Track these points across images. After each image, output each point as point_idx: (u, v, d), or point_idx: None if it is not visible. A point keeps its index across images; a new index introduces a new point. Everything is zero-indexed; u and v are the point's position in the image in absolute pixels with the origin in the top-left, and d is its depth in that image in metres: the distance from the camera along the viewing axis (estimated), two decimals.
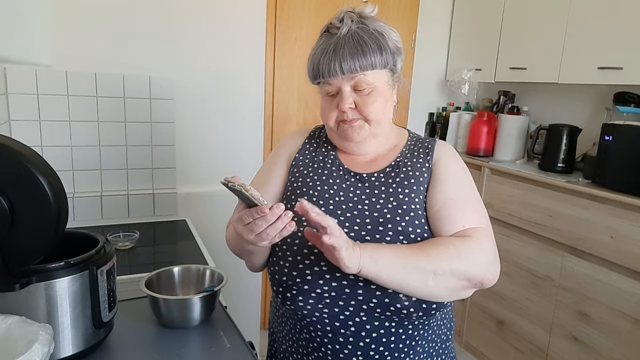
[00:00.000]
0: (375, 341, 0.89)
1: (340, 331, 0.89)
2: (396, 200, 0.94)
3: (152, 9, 2.09)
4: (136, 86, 2.03)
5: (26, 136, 1.89)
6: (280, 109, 2.57)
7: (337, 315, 0.88)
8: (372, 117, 0.94)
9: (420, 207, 0.93)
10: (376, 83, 0.94)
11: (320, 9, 2.55)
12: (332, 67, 0.91)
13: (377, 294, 0.86)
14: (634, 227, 1.79)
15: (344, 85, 0.93)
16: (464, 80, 2.77)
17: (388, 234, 0.90)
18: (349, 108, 0.94)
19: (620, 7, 1.99)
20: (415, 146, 1.02)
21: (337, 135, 1.00)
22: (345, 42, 0.91)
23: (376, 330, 0.89)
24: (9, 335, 0.77)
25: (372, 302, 0.87)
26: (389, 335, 0.89)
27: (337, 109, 0.95)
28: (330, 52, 0.91)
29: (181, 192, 2.23)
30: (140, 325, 1.10)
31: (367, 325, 0.88)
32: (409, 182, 0.96)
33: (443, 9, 2.95)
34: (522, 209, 2.25)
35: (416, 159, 0.99)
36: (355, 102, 0.94)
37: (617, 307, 1.86)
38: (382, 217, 0.92)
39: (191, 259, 1.64)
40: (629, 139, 1.87)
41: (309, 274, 0.89)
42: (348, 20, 0.93)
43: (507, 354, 2.38)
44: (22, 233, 0.81)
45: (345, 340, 0.89)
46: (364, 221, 0.92)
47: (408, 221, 0.91)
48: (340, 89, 0.94)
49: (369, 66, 0.91)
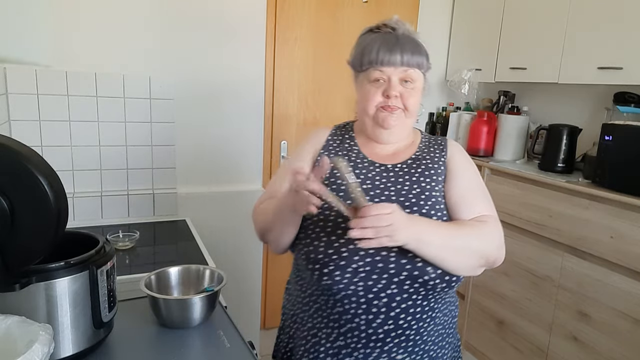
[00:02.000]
0: (404, 311, 0.99)
1: (373, 302, 0.97)
2: (419, 188, 1.05)
3: (152, 9, 2.09)
4: (136, 86, 2.03)
5: (26, 136, 1.89)
6: (280, 109, 2.57)
7: (370, 288, 0.97)
8: (410, 108, 1.06)
9: (440, 195, 1.06)
10: (418, 81, 1.07)
11: (320, 9, 2.55)
12: (393, 57, 1.02)
13: (408, 267, 0.96)
14: (634, 227, 1.79)
15: (394, 75, 1.04)
16: (464, 80, 2.77)
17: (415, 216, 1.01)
18: (396, 95, 1.04)
19: (620, 8, 1.99)
20: (430, 143, 1.16)
21: (372, 121, 1.09)
22: (406, 40, 1.05)
23: (405, 301, 0.98)
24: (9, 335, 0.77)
25: (403, 275, 0.97)
26: (415, 306, 0.99)
27: (382, 95, 1.05)
28: (392, 44, 1.03)
29: (181, 192, 2.23)
30: (140, 325, 1.10)
31: (397, 297, 0.98)
32: (429, 173, 1.08)
33: (443, 9, 2.95)
34: (522, 209, 2.25)
35: (433, 155, 1.12)
36: (400, 92, 1.05)
37: (617, 307, 1.86)
38: (407, 202, 1.03)
39: (191, 259, 1.63)
40: (629, 139, 1.87)
41: (344, 251, 0.97)
42: (401, 25, 1.07)
43: (507, 354, 2.38)
44: (22, 233, 0.81)
45: (377, 310, 0.98)
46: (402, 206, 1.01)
47: (430, 206, 1.03)
48: (389, 78, 1.04)
49: (420, 65, 1.06)
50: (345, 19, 2.61)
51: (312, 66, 2.59)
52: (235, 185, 2.43)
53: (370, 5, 2.67)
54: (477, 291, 2.53)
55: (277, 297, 2.79)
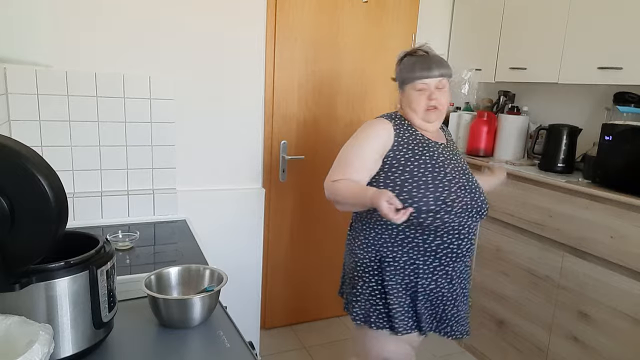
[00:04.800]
0: (474, 233, 1.54)
1: (462, 232, 1.47)
2: (462, 157, 1.62)
3: (152, 8, 2.09)
4: (136, 86, 2.03)
5: (26, 136, 1.89)
6: (280, 109, 2.57)
7: (462, 222, 1.46)
8: (445, 106, 1.52)
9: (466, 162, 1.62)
10: (447, 86, 1.52)
11: (320, 9, 2.55)
12: (432, 72, 1.47)
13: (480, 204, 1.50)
14: (634, 227, 1.79)
15: (432, 84, 1.49)
16: (464, 80, 2.77)
17: (470, 176, 1.55)
18: (435, 99, 1.48)
19: (620, 7, 1.99)
20: (443, 129, 1.67)
21: (422, 118, 1.52)
22: (436, 60, 1.50)
23: (476, 227, 1.55)
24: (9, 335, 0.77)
25: (477, 209, 1.49)
26: (476, 228, 1.59)
27: (427, 99, 1.49)
28: (429, 63, 1.48)
29: (181, 192, 2.23)
30: (140, 325, 1.10)
31: (472, 225, 1.50)
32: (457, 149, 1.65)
33: (443, 9, 2.95)
34: (522, 209, 2.25)
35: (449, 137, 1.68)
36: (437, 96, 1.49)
37: (617, 307, 1.86)
38: (464, 166, 1.58)
39: (191, 259, 1.64)
40: (629, 139, 1.87)
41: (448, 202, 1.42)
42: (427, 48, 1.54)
43: (507, 354, 2.38)
44: (22, 233, 0.81)
45: (465, 237, 1.49)
46: (460, 169, 1.53)
47: (469, 167, 1.61)
48: (429, 86, 1.49)
49: (446, 74, 1.50)
50: (345, 19, 2.61)
51: (312, 66, 2.59)
52: (235, 185, 2.43)
53: (370, 5, 2.67)
54: (477, 291, 2.53)
55: (277, 297, 2.79)
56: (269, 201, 2.62)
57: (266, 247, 2.67)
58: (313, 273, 2.85)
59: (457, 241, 1.47)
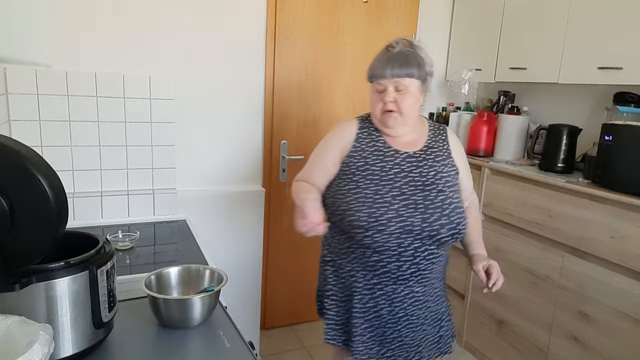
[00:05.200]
0: (423, 258, 1.34)
1: (402, 254, 1.31)
2: (434, 170, 1.38)
3: (152, 8, 2.09)
4: (136, 86, 2.03)
5: (26, 136, 1.89)
6: (280, 109, 2.57)
7: (400, 244, 1.30)
8: (403, 110, 1.34)
9: (448, 175, 1.39)
10: (410, 87, 1.33)
11: (320, 9, 2.55)
12: (384, 71, 1.32)
13: (427, 229, 1.29)
14: (634, 227, 1.79)
15: (389, 85, 1.33)
16: (464, 80, 2.77)
17: (432, 192, 1.33)
18: (390, 101, 1.33)
19: (620, 7, 1.99)
20: (435, 132, 1.46)
21: (380, 121, 1.39)
22: (396, 57, 1.33)
23: (424, 251, 1.33)
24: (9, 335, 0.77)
25: (424, 234, 1.30)
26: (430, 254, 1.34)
27: (382, 102, 1.34)
28: (385, 61, 1.33)
29: (181, 192, 2.23)
30: (140, 325, 1.10)
31: (419, 249, 1.32)
32: (440, 158, 1.41)
33: (443, 9, 2.95)
34: (522, 209, 2.25)
35: (439, 143, 1.44)
36: (395, 98, 1.33)
37: (617, 307, 1.86)
38: (427, 181, 1.35)
39: (191, 259, 1.63)
40: (629, 139, 1.87)
41: (382, 219, 1.28)
42: (401, 44, 1.35)
43: (507, 354, 2.38)
44: (22, 233, 0.81)
45: (405, 259, 1.32)
46: (416, 184, 1.34)
47: (443, 184, 1.36)
48: (385, 88, 1.34)
49: (409, 74, 1.32)
50: (345, 19, 2.61)
51: (312, 66, 2.59)
52: (235, 185, 2.43)
53: (370, 5, 2.67)
54: (477, 291, 2.53)
55: (277, 297, 2.79)
56: (269, 201, 2.62)
57: (266, 247, 2.67)
58: (313, 273, 2.84)
59: (398, 262, 1.33)
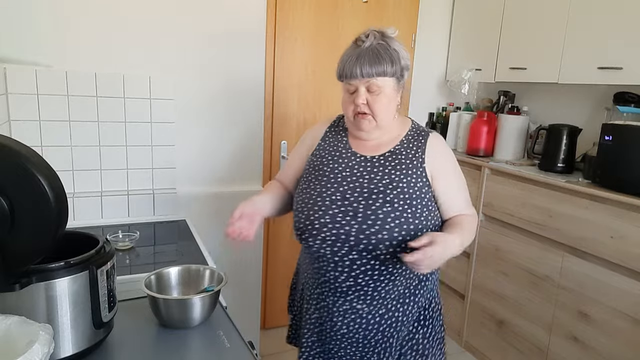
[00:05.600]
0: (363, 272, 1.20)
1: (339, 264, 1.20)
2: (389, 179, 1.21)
3: (152, 8, 2.09)
4: (136, 86, 2.03)
5: (26, 136, 1.89)
6: (280, 109, 2.57)
7: (336, 252, 1.19)
8: (377, 112, 1.20)
9: (407, 185, 1.20)
10: (384, 87, 1.19)
11: (320, 9, 2.55)
12: (354, 70, 1.17)
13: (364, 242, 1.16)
14: (634, 227, 1.79)
15: (360, 86, 1.19)
16: (464, 80, 2.77)
17: (378, 202, 1.18)
18: (362, 103, 1.19)
19: (620, 7, 1.99)
20: (413, 138, 1.28)
21: (353, 124, 1.26)
22: (366, 53, 1.17)
23: (364, 265, 1.19)
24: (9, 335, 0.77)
25: (361, 246, 1.17)
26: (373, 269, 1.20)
27: (353, 103, 1.20)
28: (354, 59, 1.17)
29: (181, 192, 2.23)
30: (140, 325, 1.10)
31: (357, 261, 1.19)
32: (403, 167, 1.23)
33: (443, 9, 2.95)
34: (522, 209, 2.25)
35: (410, 150, 1.25)
36: (367, 100, 1.19)
37: (617, 307, 1.86)
38: (375, 189, 1.20)
39: (191, 259, 1.64)
40: (629, 139, 1.87)
41: (316, 223, 1.19)
42: (372, 37, 1.18)
43: (507, 354, 2.38)
44: (22, 233, 0.81)
45: (342, 270, 1.21)
46: (362, 191, 1.20)
47: (394, 195, 1.18)
48: (357, 88, 1.19)
49: (381, 73, 1.17)
50: (345, 19, 2.61)
51: (312, 66, 2.59)
52: (235, 185, 2.43)
53: (370, 5, 2.67)
54: (477, 291, 2.53)
55: (277, 297, 2.79)
56: None
57: (266, 247, 2.67)
58: None
59: (335, 272, 1.21)
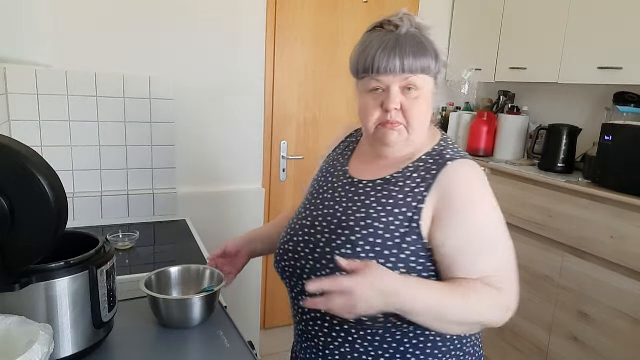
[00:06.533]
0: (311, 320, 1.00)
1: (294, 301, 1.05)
2: (365, 213, 0.91)
3: (152, 8, 2.09)
4: (136, 86, 2.03)
5: (26, 136, 1.89)
6: (280, 109, 2.57)
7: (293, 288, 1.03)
8: (414, 123, 0.90)
9: (386, 230, 0.88)
10: (424, 88, 0.91)
11: (320, 9, 2.55)
12: (392, 62, 0.87)
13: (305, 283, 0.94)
14: (634, 227, 1.79)
15: (393, 84, 0.89)
16: (464, 80, 2.77)
17: (339, 240, 0.90)
18: (395, 109, 0.89)
19: (620, 7, 1.99)
20: (426, 164, 0.93)
21: (374, 137, 0.94)
22: (407, 41, 0.88)
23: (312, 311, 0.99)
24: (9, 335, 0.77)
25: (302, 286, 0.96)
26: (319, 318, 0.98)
27: (381, 109, 0.90)
28: (390, 47, 0.87)
29: (181, 192, 2.23)
30: (140, 325, 1.10)
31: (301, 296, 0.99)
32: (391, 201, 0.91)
33: (443, 9, 2.95)
34: (522, 209, 2.25)
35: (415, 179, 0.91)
36: (401, 104, 0.89)
37: (617, 307, 1.85)
38: (344, 223, 0.92)
39: (191, 259, 1.63)
40: (629, 139, 1.86)
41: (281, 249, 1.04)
42: (407, 22, 0.91)
43: (507, 354, 2.38)
44: (22, 233, 0.81)
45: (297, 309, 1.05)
46: (331, 221, 0.95)
47: (363, 235, 0.88)
48: (388, 87, 0.89)
49: (425, 69, 0.90)
50: (345, 19, 2.61)
51: (312, 66, 2.59)
52: (235, 185, 2.43)
53: (370, 4, 2.67)
54: None
55: (277, 297, 2.79)
56: (269, 201, 2.62)
57: None
58: None
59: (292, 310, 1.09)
